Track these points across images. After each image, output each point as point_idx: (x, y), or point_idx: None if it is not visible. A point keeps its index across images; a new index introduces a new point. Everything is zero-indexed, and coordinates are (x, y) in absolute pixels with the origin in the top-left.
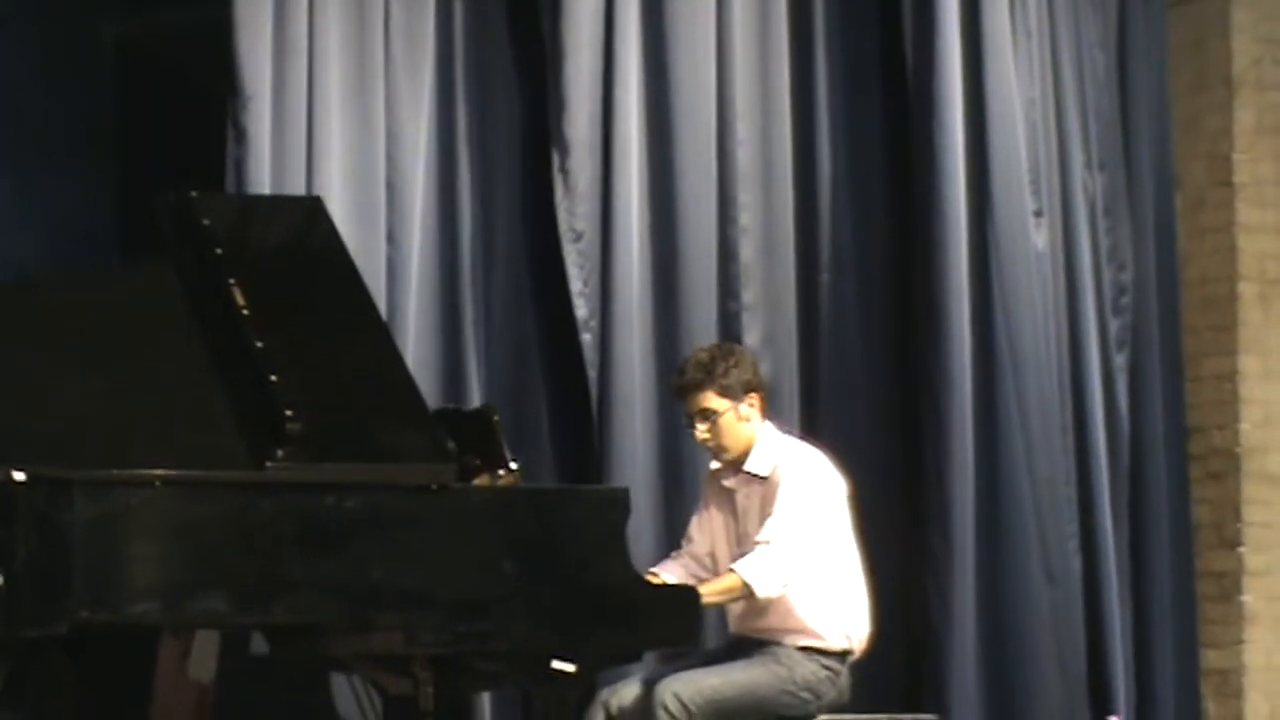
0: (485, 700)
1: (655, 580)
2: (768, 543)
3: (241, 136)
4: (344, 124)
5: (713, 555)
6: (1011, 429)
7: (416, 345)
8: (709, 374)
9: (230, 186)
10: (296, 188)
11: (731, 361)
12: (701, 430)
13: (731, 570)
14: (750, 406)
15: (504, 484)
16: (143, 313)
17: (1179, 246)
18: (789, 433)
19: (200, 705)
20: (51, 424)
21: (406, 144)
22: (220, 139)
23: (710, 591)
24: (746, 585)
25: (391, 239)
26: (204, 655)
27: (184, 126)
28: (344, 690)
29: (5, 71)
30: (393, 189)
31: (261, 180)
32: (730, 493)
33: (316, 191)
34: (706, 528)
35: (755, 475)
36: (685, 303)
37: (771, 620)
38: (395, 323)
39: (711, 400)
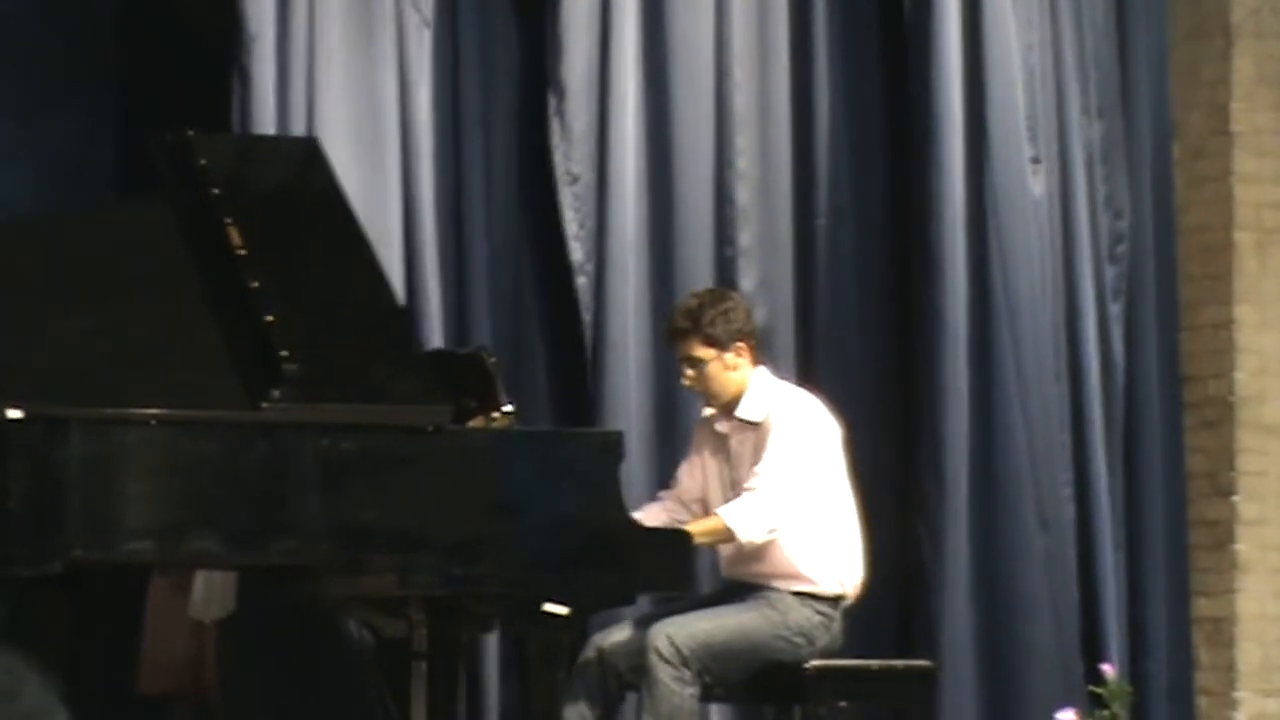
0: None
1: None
2: (753, 489)
3: (245, 76)
4: (347, 65)
5: (702, 500)
6: (1006, 375)
7: (433, 288)
8: (695, 323)
9: (234, 126)
10: (299, 129)
11: (719, 310)
12: (689, 376)
13: (716, 514)
14: (738, 355)
15: (499, 426)
16: (139, 252)
17: (1176, 195)
18: (784, 378)
19: (197, 644)
20: (47, 362)
21: (408, 85)
22: (222, 76)
23: (695, 532)
24: (729, 529)
25: (406, 178)
26: (209, 595)
27: (186, 63)
28: (338, 632)
29: (3, 4)
30: (395, 130)
31: (265, 120)
32: (724, 438)
33: (319, 133)
34: (696, 473)
35: (747, 421)
36: (681, 247)
37: (764, 566)
38: (412, 265)
39: (697, 349)
